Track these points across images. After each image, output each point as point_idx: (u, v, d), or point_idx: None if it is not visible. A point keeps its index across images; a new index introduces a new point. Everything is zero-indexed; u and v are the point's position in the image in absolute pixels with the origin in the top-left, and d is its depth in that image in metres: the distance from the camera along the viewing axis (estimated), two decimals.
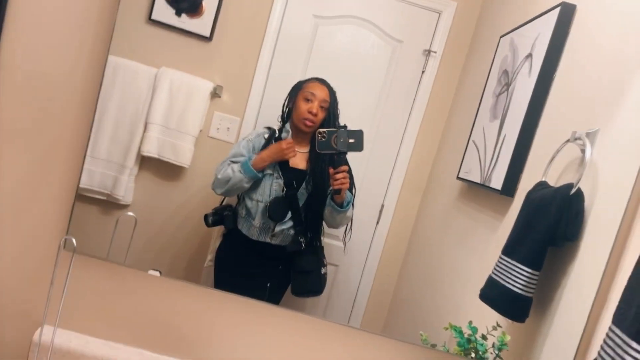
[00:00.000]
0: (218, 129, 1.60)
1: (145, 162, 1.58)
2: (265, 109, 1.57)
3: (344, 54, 1.56)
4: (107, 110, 1.49)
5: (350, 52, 1.56)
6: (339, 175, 1.22)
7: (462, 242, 1.10)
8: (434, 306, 1.18)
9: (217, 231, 1.47)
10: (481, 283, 0.87)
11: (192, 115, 1.54)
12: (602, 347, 0.73)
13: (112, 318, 1.41)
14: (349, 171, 1.35)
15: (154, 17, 1.48)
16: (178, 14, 0.66)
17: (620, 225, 0.58)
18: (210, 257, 1.50)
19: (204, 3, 0.70)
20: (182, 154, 1.55)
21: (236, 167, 1.35)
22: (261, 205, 1.32)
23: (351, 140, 1.21)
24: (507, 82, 1.02)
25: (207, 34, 1.53)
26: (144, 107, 1.52)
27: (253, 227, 1.33)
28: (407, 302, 1.45)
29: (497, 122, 1.01)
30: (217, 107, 1.59)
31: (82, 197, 1.52)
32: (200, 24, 1.52)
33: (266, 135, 1.38)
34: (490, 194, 0.98)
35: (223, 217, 1.39)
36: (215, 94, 1.57)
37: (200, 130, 1.56)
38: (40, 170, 1.46)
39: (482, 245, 0.98)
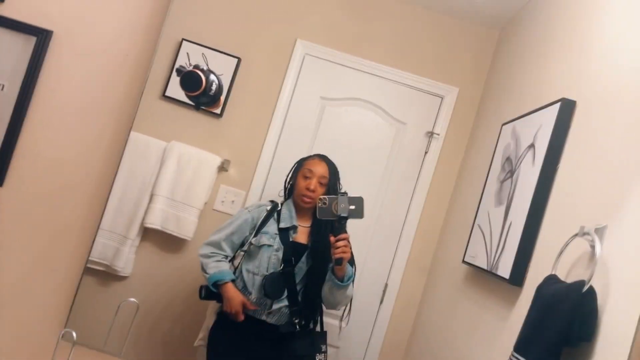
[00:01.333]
0: (223, 201, 1.60)
1: (148, 234, 1.57)
2: (270, 183, 1.59)
3: (349, 134, 1.60)
4: (116, 182, 1.51)
5: (355, 132, 1.61)
6: (340, 243, 1.18)
7: (470, 330, 1.07)
8: None
9: (211, 308, 1.42)
10: None
11: (198, 188, 1.56)
12: None
13: None
14: (350, 246, 1.32)
15: (167, 93, 1.55)
16: (197, 108, 0.69)
17: (638, 324, 0.56)
18: (201, 335, 1.43)
19: (221, 97, 0.73)
20: (186, 227, 1.55)
21: (210, 268, 1.30)
22: (257, 278, 1.28)
23: (352, 207, 1.19)
24: (510, 169, 1.04)
25: (218, 111, 1.58)
26: (151, 179, 1.53)
27: (251, 308, 1.27)
28: None
29: (503, 208, 1.01)
30: (224, 180, 1.61)
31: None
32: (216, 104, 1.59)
33: (268, 208, 1.37)
34: (498, 281, 0.96)
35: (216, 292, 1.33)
36: (222, 168, 1.59)
37: (205, 203, 1.57)
38: (46, 259, 1.44)
39: (492, 335, 0.94)
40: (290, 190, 1.39)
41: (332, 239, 1.18)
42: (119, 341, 1.49)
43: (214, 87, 0.70)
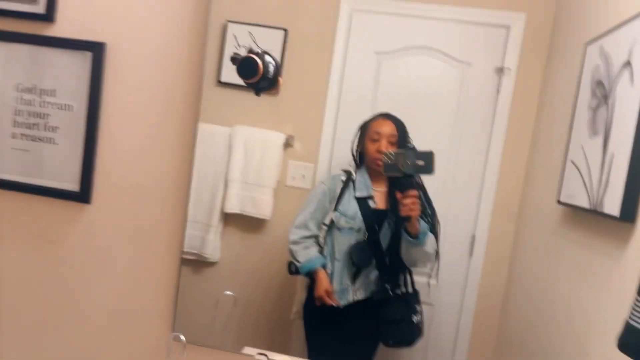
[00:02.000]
0: (294, 177, 1.61)
1: (229, 219, 1.62)
2: (337, 151, 1.56)
3: (411, 85, 1.51)
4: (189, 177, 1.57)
5: (417, 82, 1.51)
6: (407, 201, 1.14)
7: (575, 276, 0.99)
8: (552, 353, 1.06)
9: (302, 282, 1.45)
10: (608, 323, 0.76)
11: (268, 167, 1.57)
12: None
13: None
14: (426, 199, 1.26)
15: (222, 79, 1.55)
16: (258, 94, 0.67)
17: None
18: (295, 309, 1.47)
19: (280, 77, 0.70)
20: (263, 207, 1.57)
21: (301, 256, 1.34)
22: (338, 264, 1.28)
23: (420, 162, 1.13)
24: (604, 94, 0.92)
25: (278, 93, 1.56)
26: (222, 166, 1.57)
27: (332, 289, 1.28)
28: (515, 344, 1.32)
29: (600, 139, 0.90)
30: (291, 156, 1.61)
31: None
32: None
33: (343, 178, 1.35)
34: (605, 220, 0.87)
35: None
36: (287, 144, 1.59)
37: (277, 181, 1.58)
38: (143, 263, 1.53)
39: (602, 280, 0.86)
40: (360, 157, 1.36)
41: (398, 195, 1.14)
42: (222, 333, 1.56)
43: (271, 68, 0.67)
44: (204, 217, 1.61)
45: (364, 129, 1.34)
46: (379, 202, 1.31)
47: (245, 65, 0.64)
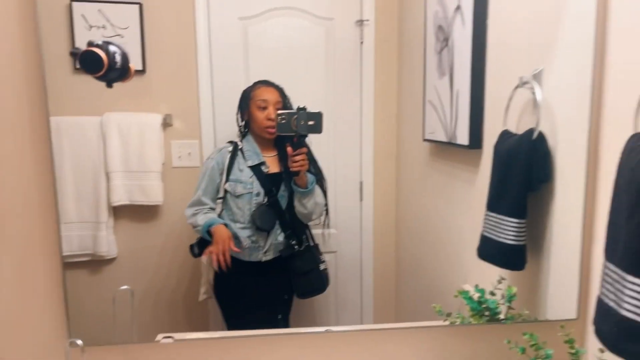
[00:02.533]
0: (180, 157, 1.57)
1: (119, 211, 1.55)
2: (220, 123, 1.55)
3: (280, 48, 1.53)
4: (64, 174, 1.44)
5: (285, 44, 1.53)
6: (297, 157, 1.23)
7: (445, 200, 1.13)
8: (439, 270, 1.21)
9: (208, 260, 1.46)
10: (473, 237, 0.89)
11: (149, 151, 1.51)
12: (602, 285, 0.76)
13: None
14: (311, 155, 1.34)
15: (79, 66, 1.43)
16: (110, 85, 0.64)
17: (587, 158, 0.60)
18: (203, 289, 1.48)
19: (131, 65, 0.67)
20: (153, 193, 1.52)
21: (200, 220, 1.34)
22: (245, 227, 1.31)
23: (310, 122, 1.21)
24: (445, 37, 1.03)
25: (140, 67, 1.48)
26: (99, 158, 1.47)
27: (242, 249, 1.32)
28: (411, 271, 1.48)
29: (447, 79, 1.02)
30: (172, 135, 1.56)
31: (67, 264, 1.49)
32: (130, 59, 1.47)
33: (230, 149, 1.36)
34: (460, 149, 1.00)
35: (208, 243, 1.37)
36: (166, 123, 1.53)
37: (163, 164, 1.53)
38: (25, 277, 1.40)
39: (464, 199, 1.00)
40: (245, 126, 1.37)
41: (289, 150, 1.20)
42: (126, 329, 1.51)
43: (117, 58, 0.64)
44: (91, 215, 1.51)
45: (247, 97, 1.34)
46: (271, 166, 1.35)
47: (87, 60, 0.61)
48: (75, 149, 1.46)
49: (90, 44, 0.64)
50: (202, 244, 1.36)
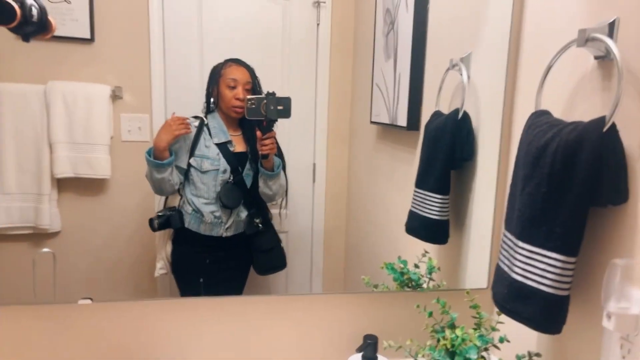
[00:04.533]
0: (129, 131, 1.53)
1: (63, 184, 1.51)
2: (171, 98, 1.52)
3: (237, 26, 1.51)
4: (3, 142, 1.39)
5: (242, 22, 1.51)
6: (267, 141, 1.24)
7: (389, 181, 1.16)
8: (377, 248, 1.25)
9: (163, 236, 1.44)
10: (406, 214, 0.92)
11: (97, 123, 1.47)
12: (500, 252, 0.81)
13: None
14: (275, 139, 1.34)
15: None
16: (26, 39, 0.61)
17: (501, 136, 0.63)
18: (160, 265, 1.47)
19: (50, 17, 0.65)
20: (100, 166, 1.49)
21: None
22: (209, 202, 1.31)
23: (280, 107, 1.22)
24: (391, 21, 1.04)
25: (88, 35, 1.43)
26: (42, 128, 1.42)
27: (204, 224, 1.31)
28: (358, 249, 1.51)
29: (392, 62, 1.04)
30: (122, 108, 1.52)
31: (6, 236, 1.44)
32: (77, 27, 1.43)
33: (196, 124, 1.34)
34: (400, 131, 1.02)
35: (169, 218, 1.35)
36: (115, 95, 1.49)
37: (112, 137, 1.50)
38: None
39: (404, 179, 1.03)
40: (214, 103, 1.35)
41: (259, 134, 1.20)
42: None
43: (34, 11, 0.62)
44: (32, 187, 1.47)
45: (216, 74, 1.32)
46: (237, 145, 1.34)
47: None
48: (17, 117, 1.41)
49: None
50: (162, 217, 1.34)
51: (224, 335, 1.39)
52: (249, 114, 1.21)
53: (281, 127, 1.58)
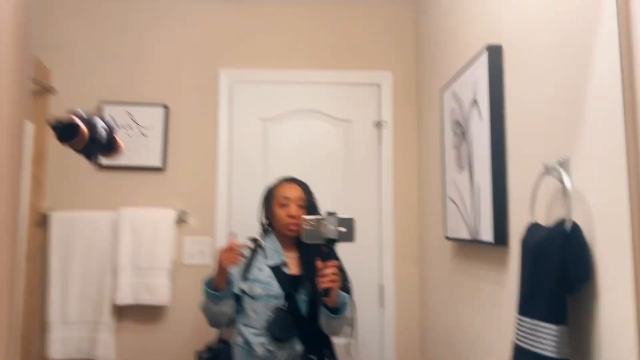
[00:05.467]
0: (192, 254, 1.51)
1: (122, 312, 1.45)
2: (235, 221, 1.51)
3: (299, 147, 1.54)
4: (71, 271, 1.41)
5: (304, 144, 1.54)
6: (328, 271, 1.02)
7: (472, 304, 1.01)
8: None
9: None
10: (503, 346, 0.76)
11: (161, 247, 1.46)
12: None
13: None
14: (343, 270, 1.15)
15: (103, 162, 1.46)
16: (91, 160, 0.61)
17: (633, 249, 0.51)
18: None
19: (118, 139, 0.65)
20: (160, 292, 1.44)
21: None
22: (260, 333, 1.13)
23: (341, 229, 1.03)
24: (462, 132, 1.00)
25: (160, 164, 1.50)
26: (109, 254, 1.43)
27: (254, 359, 1.13)
28: None
29: (466, 173, 0.97)
30: (186, 232, 1.51)
31: None
32: (152, 156, 1.51)
33: (252, 247, 1.24)
34: (484, 247, 0.91)
35: (217, 352, 1.19)
36: (180, 220, 1.50)
37: (174, 261, 1.47)
38: None
39: (492, 302, 0.89)
40: (269, 225, 1.27)
41: (319, 264, 1.04)
42: None
43: (101, 132, 0.61)
44: (92, 314, 1.44)
45: (270, 194, 1.26)
46: (292, 267, 1.22)
47: (65, 130, 0.57)
48: (87, 244, 1.42)
49: (74, 113, 0.62)
50: (210, 352, 1.20)
51: None
52: (306, 237, 1.03)
53: (343, 247, 1.49)
